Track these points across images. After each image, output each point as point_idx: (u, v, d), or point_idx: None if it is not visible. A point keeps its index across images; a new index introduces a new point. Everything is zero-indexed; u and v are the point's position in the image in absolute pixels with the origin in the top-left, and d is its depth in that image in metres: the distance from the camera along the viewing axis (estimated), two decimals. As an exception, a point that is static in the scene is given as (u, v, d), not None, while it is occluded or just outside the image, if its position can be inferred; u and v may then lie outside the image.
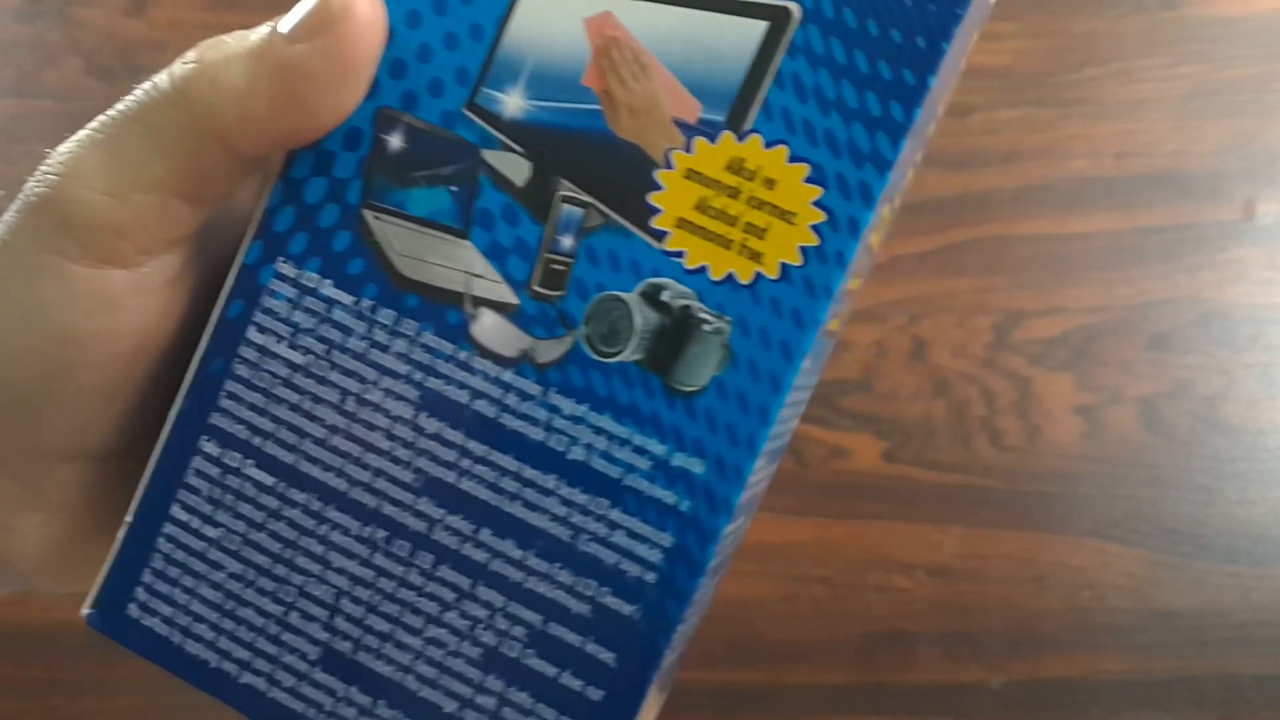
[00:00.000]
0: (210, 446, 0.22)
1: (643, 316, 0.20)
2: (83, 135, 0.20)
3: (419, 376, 0.21)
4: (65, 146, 0.20)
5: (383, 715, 0.21)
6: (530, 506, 0.21)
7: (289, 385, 0.21)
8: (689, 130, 0.19)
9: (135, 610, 0.22)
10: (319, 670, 0.21)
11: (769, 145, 0.19)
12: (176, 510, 0.22)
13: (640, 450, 0.20)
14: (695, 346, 0.20)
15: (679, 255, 0.20)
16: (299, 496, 0.21)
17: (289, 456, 0.21)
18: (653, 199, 0.20)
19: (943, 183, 0.57)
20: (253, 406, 0.22)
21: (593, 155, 0.20)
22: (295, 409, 0.21)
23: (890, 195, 0.20)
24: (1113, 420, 0.56)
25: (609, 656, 0.20)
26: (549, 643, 0.20)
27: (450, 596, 0.21)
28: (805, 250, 0.19)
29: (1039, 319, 0.57)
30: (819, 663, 0.54)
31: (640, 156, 0.20)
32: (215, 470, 0.22)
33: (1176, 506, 0.56)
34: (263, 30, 0.20)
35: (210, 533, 0.22)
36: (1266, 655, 0.54)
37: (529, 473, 0.20)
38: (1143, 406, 0.56)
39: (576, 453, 0.20)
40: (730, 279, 0.20)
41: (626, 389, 0.20)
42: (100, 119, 0.20)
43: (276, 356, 0.21)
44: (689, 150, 0.19)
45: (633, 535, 0.20)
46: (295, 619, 0.21)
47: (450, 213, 0.21)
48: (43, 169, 0.20)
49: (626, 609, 0.20)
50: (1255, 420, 0.56)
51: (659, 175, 0.20)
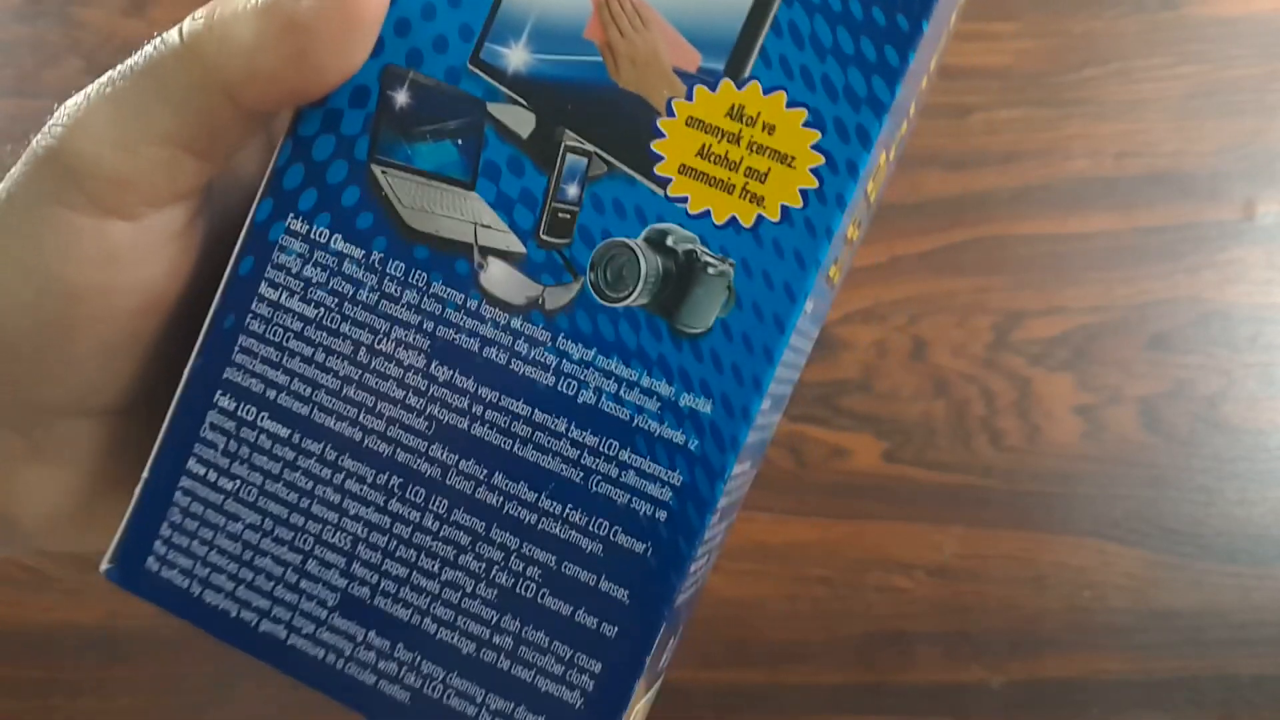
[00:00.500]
0: (225, 400, 0.22)
1: (648, 261, 0.20)
2: (91, 89, 0.20)
3: (429, 326, 0.21)
4: (73, 100, 0.20)
5: (401, 658, 0.22)
6: (542, 450, 0.21)
7: (301, 338, 0.22)
8: (689, 79, 0.20)
9: (154, 563, 0.22)
10: (337, 616, 0.22)
11: (768, 91, 0.20)
12: (193, 464, 0.22)
13: (649, 391, 0.21)
14: (700, 289, 0.20)
15: (682, 201, 0.20)
16: (314, 447, 0.22)
17: (303, 408, 0.22)
18: (655, 146, 0.20)
19: (943, 183, 0.57)
20: (266, 360, 0.22)
21: (596, 106, 0.20)
22: (308, 361, 0.22)
23: (887, 142, 0.21)
24: (1113, 420, 0.56)
25: (623, 594, 0.21)
26: (563, 582, 0.21)
27: (465, 540, 0.21)
28: (805, 193, 0.20)
29: (1039, 319, 0.57)
30: (819, 663, 0.54)
31: (642, 106, 0.20)
32: (230, 424, 0.22)
33: (1176, 506, 0.56)
34: None
35: (227, 485, 0.22)
36: (1266, 655, 0.54)
37: (539, 416, 0.21)
38: (1143, 406, 0.56)
39: (586, 396, 0.21)
40: (733, 222, 0.20)
41: (633, 332, 0.21)
42: (109, 74, 0.20)
43: (289, 311, 0.22)
44: (689, 98, 0.20)
45: (643, 475, 0.21)
46: (313, 566, 0.22)
47: (457, 165, 0.21)
48: (50, 122, 0.20)
49: (639, 547, 0.21)
50: (1255, 420, 0.56)
51: (661, 123, 0.20)
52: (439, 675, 0.21)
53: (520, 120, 0.21)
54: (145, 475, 0.23)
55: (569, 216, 0.21)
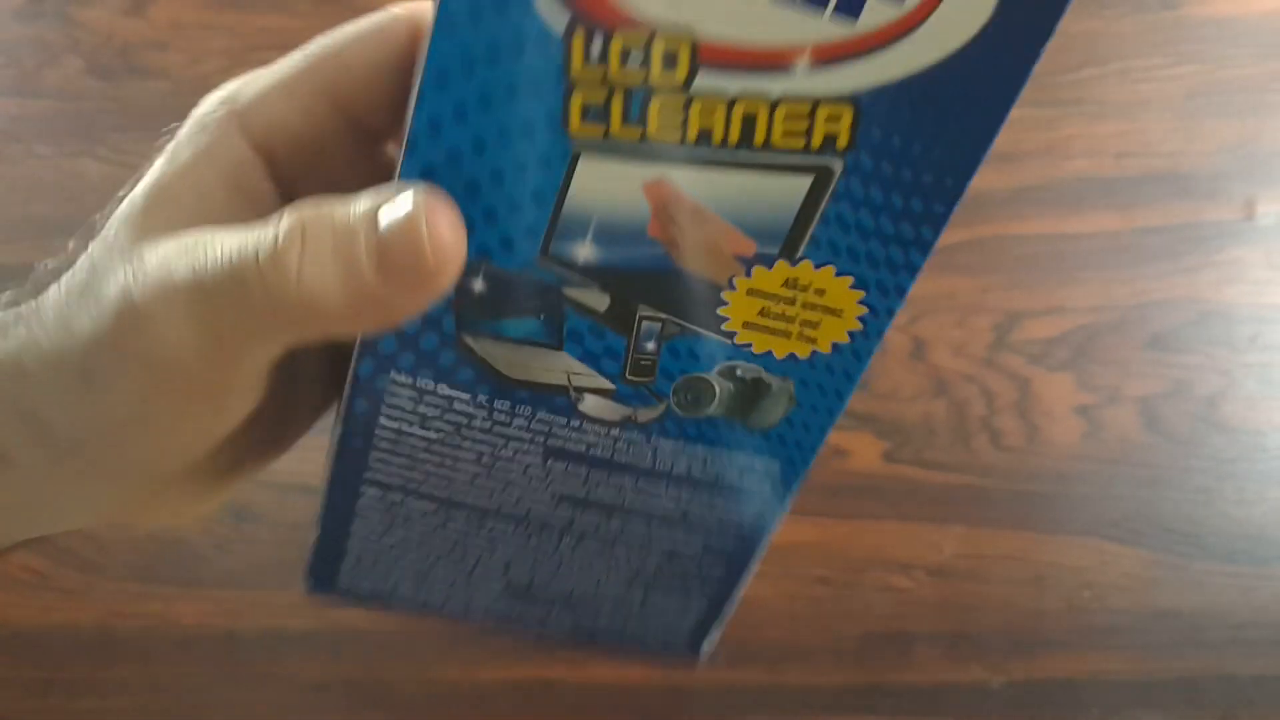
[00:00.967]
0: (371, 490, 0.26)
1: (721, 387, 0.24)
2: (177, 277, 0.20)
3: (541, 439, 0.25)
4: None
5: (561, 618, 0.29)
6: (649, 498, 0.26)
7: (429, 452, 0.25)
8: (747, 261, 0.22)
9: (345, 582, 0.29)
10: (504, 597, 0.29)
11: (819, 266, 0.22)
12: (356, 527, 0.27)
13: (729, 462, 0.26)
14: (767, 400, 0.24)
15: (747, 346, 0.23)
16: (459, 514, 0.27)
17: (443, 492, 0.26)
18: (721, 311, 0.23)
19: (942, 183, 0.57)
20: (400, 466, 0.26)
21: (664, 284, 0.23)
22: (439, 466, 0.26)
23: None
24: (1112, 420, 0.56)
25: (718, 571, 0.29)
26: (676, 563, 0.28)
27: (595, 549, 0.28)
28: (852, 333, 0.23)
29: (1039, 319, 0.57)
30: (819, 663, 0.54)
31: (707, 283, 0.23)
32: (380, 504, 0.26)
33: (1176, 506, 0.56)
34: (361, 239, 0.19)
35: (390, 540, 0.27)
36: (1266, 655, 0.54)
37: (644, 483, 0.26)
38: (1142, 406, 0.56)
39: (679, 470, 0.26)
40: (791, 357, 0.24)
41: (714, 430, 0.25)
42: (201, 253, 0.20)
43: (411, 435, 0.25)
44: (749, 275, 0.23)
45: (728, 508, 0.27)
46: (478, 575, 0.28)
47: (542, 333, 0.23)
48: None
49: (728, 547, 0.28)
50: (1255, 420, 0.56)
51: (725, 294, 0.23)
52: (589, 615, 0.29)
53: (596, 299, 0.23)
54: (316, 534, 0.27)
55: (650, 362, 0.24)
